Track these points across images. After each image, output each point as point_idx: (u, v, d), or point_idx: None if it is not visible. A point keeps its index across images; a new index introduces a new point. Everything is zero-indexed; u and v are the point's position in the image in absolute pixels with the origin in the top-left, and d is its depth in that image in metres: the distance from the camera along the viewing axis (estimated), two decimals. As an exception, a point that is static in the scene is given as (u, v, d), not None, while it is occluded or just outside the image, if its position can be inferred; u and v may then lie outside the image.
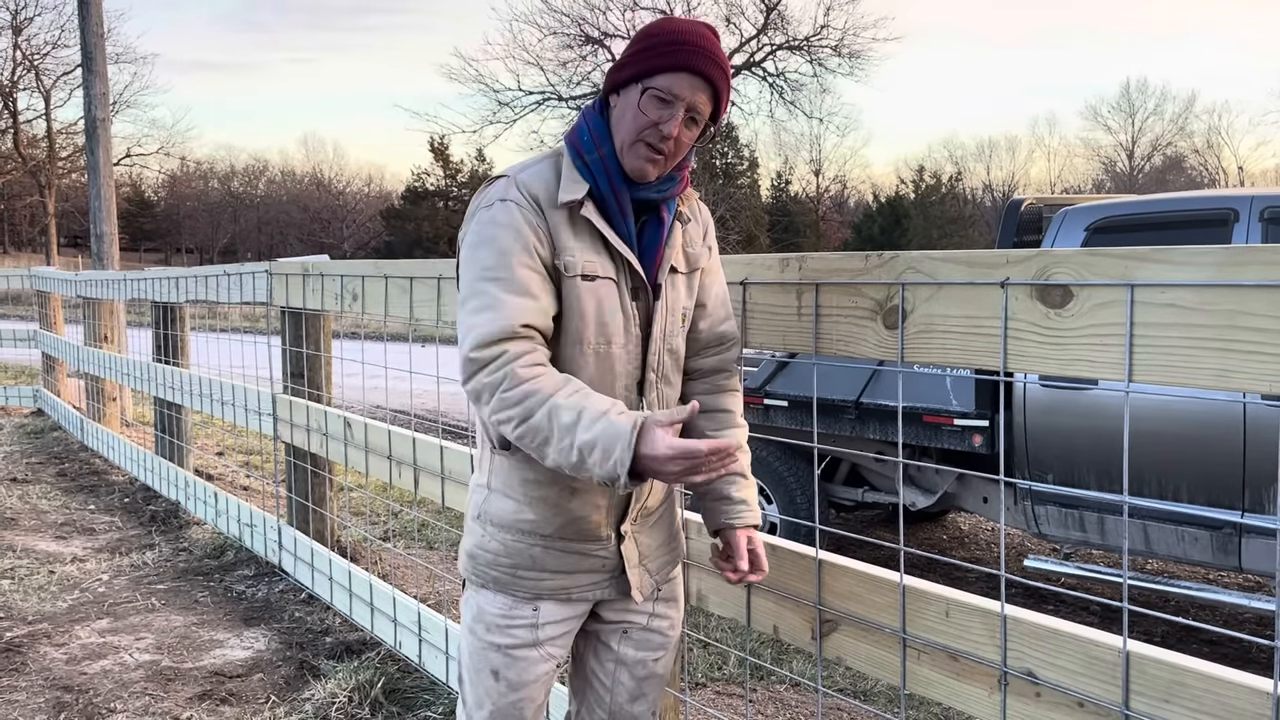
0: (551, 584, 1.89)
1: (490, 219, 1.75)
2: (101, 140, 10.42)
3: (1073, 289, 1.56)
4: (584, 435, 1.61)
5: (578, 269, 1.75)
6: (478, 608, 1.92)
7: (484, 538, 1.91)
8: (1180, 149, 51.52)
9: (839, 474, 5.66)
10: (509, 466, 1.87)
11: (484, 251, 1.73)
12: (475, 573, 1.93)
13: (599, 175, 1.78)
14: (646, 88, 1.73)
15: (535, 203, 1.75)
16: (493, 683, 1.91)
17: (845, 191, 56.13)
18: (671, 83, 1.73)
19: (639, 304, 1.83)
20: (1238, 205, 4.17)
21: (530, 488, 1.86)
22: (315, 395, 4.51)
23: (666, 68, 1.72)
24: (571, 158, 1.81)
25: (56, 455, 8.13)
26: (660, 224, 1.84)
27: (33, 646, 4.10)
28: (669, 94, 1.73)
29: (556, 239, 1.75)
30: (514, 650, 1.89)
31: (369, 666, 3.66)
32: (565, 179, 1.78)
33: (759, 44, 34.68)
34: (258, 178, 64.07)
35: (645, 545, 1.95)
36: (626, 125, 1.76)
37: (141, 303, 7.25)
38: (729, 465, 1.59)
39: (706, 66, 1.73)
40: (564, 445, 1.63)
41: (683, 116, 1.74)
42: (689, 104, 1.74)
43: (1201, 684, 1.46)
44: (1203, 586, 4.24)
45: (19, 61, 39.99)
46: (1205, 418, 4.09)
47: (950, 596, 1.79)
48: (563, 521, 1.86)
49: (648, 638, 2.01)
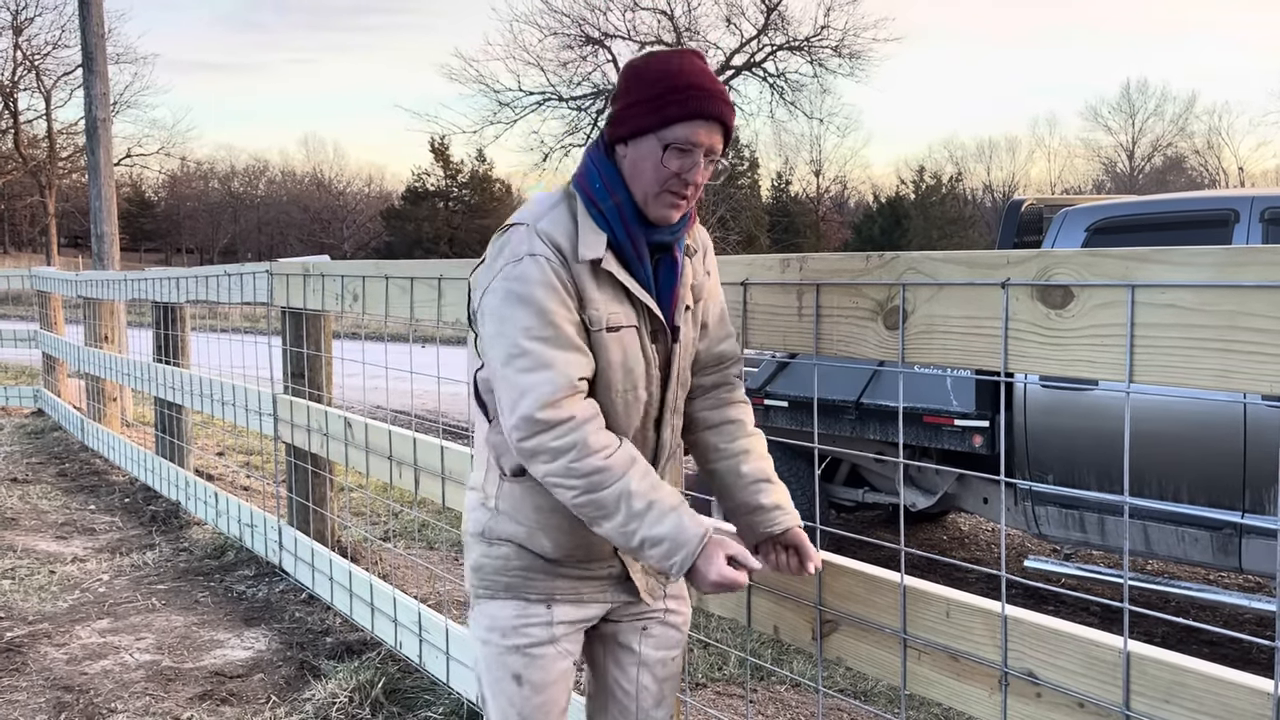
0: (563, 585, 1.92)
1: (521, 275, 1.72)
2: (102, 140, 10.42)
3: (1073, 289, 1.56)
4: (653, 529, 1.70)
5: (603, 322, 1.76)
6: (490, 618, 1.93)
7: (490, 549, 1.91)
8: (1180, 149, 51.53)
9: (839, 474, 5.66)
10: (520, 493, 1.88)
11: (523, 310, 1.71)
12: (485, 583, 1.93)
13: (615, 223, 1.77)
14: (666, 143, 1.73)
15: (560, 254, 1.74)
16: (516, 689, 1.90)
17: (845, 192, 56.14)
18: (689, 132, 1.72)
19: (658, 346, 1.85)
20: (1238, 206, 4.17)
21: (544, 515, 1.87)
22: (316, 395, 4.51)
23: (681, 118, 1.72)
24: (586, 206, 1.79)
25: (57, 455, 8.14)
26: (674, 264, 1.85)
27: (33, 646, 4.10)
28: (688, 144, 1.73)
29: (583, 292, 1.75)
30: (532, 649, 1.90)
31: (369, 667, 3.66)
32: (583, 230, 1.76)
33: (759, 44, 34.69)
34: (258, 178, 64.08)
35: None
36: (648, 178, 1.75)
37: (142, 303, 7.25)
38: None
39: (719, 109, 1.74)
40: (628, 530, 1.71)
41: (703, 162, 1.75)
42: (707, 148, 1.74)
43: (1202, 684, 1.46)
44: (1203, 587, 4.24)
45: (20, 62, 40.01)
46: (1205, 418, 4.09)
47: (951, 597, 1.79)
48: (573, 545, 1.88)
49: (666, 634, 2.03)
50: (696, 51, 1.80)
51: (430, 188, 50.04)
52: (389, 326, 4.25)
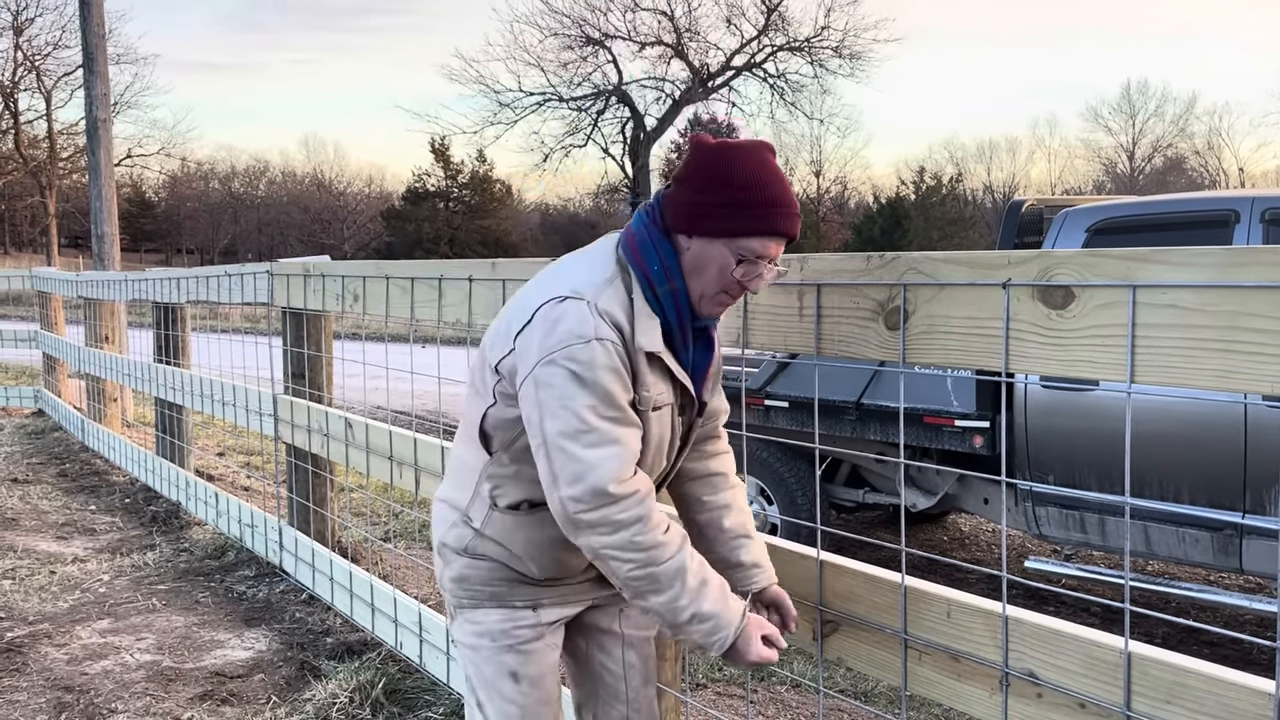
0: (549, 593, 1.97)
1: (590, 361, 1.70)
2: (103, 141, 10.42)
3: (1074, 290, 1.56)
4: (702, 606, 1.75)
5: (651, 403, 1.79)
6: (478, 625, 1.95)
7: (476, 561, 1.93)
8: (1181, 150, 51.51)
9: (840, 475, 5.66)
10: (512, 524, 1.90)
11: (589, 392, 1.70)
12: (469, 593, 1.95)
13: (669, 310, 1.78)
14: (739, 255, 1.74)
15: (621, 338, 1.74)
16: (514, 686, 1.93)
17: (846, 192, 56.10)
18: (764, 248, 1.74)
19: (684, 418, 1.90)
20: (1239, 206, 4.17)
21: (534, 547, 1.90)
22: (316, 396, 4.51)
23: (760, 232, 1.73)
24: (642, 287, 1.78)
25: (57, 456, 8.14)
26: (710, 345, 1.89)
27: (34, 647, 4.10)
28: (761, 256, 1.75)
29: (638, 375, 1.77)
30: (525, 645, 1.93)
31: (370, 667, 3.66)
32: (639, 314, 1.76)
33: (759, 45, 34.71)
34: (258, 178, 64.07)
35: None
36: (711, 279, 1.76)
37: (142, 303, 7.25)
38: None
39: (793, 227, 1.76)
40: (678, 605, 1.74)
41: (765, 272, 1.78)
42: (772, 259, 1.77)
43: (1203, 685, 1.46)
44: (1203, 588, 4.24)
45: (20, 62, 40.01)
46: (1206, 419, 4.09)
47: (951, 597, 1.79)
48: (558, 571, 1.93)
49: (643, 614, 2.06)
50: (769, 145, 1.80)
51: (430, 188, 50.05)
52: (389, 327, 4.25)
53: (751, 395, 5.48)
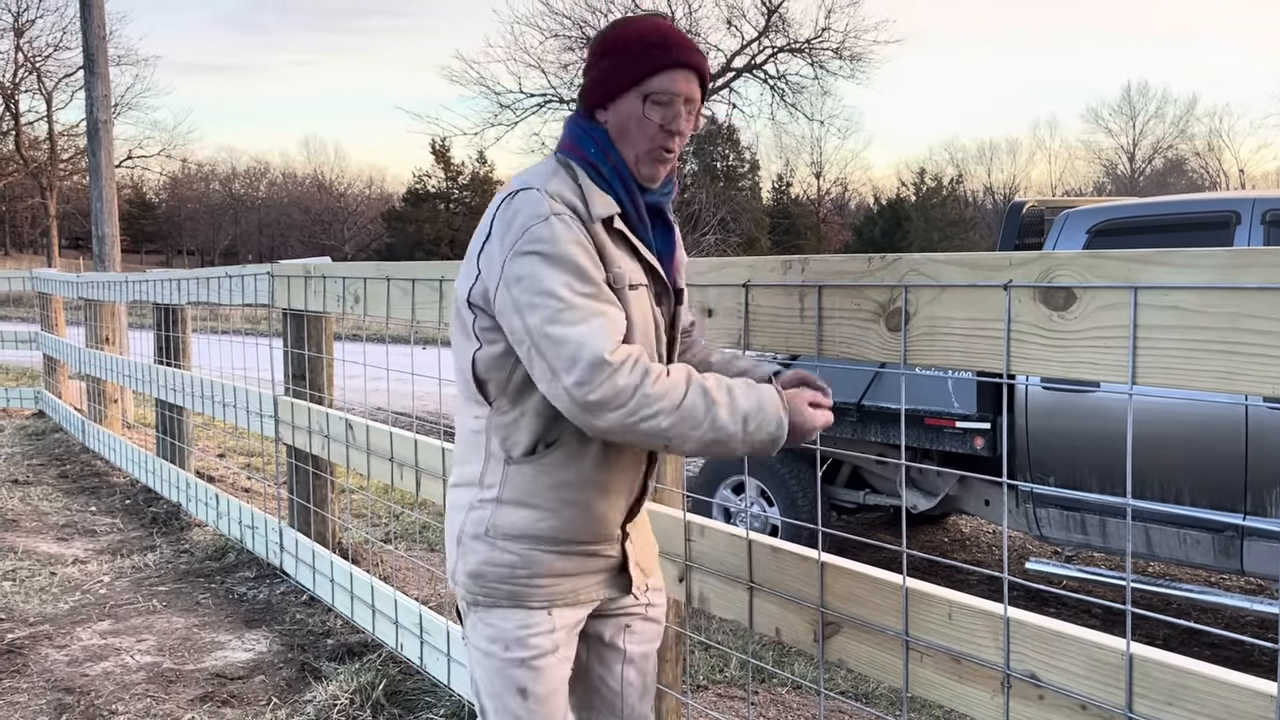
0: (564, 588, 1.88)
1: (552, 235, 1.69)
2: (103, 142, 10.42)
3: (1076, 291, 1.56)
4: (742, 404, 1.69)
5: (625, 280, 1.76)
6: (492, 629, 1.88)
7: (493, 553, 1.86)
8: (1181, 152, 51.55)
9: (840, 476, 5.66)
10: (531, 474, 1.83)
11: (560, 270, 1.68)
12: (485, 591, 1.88)
13: (617, 186, 1.78)
14: (647, 95, 1.75)
15: (577, 216, 1.73)
16: (521, 702, 1.87)
17: (846, 194, 56.16)
18: (668, 83, 1.76)
19: (663, 309, 1.87)
20: (1239, 208, 4.17)
21: (562, 490, 1.83)
22: (317, 397, 4.51)
23: (658, 68, 1.75)
24: (585, 170, 1.79)
25: (58, 457, 8.14)
26: (669, 229, 1.88)
27: (34, 648, 4.10)
28: (669, 94, 1.76)
29: (603, 251, 1.75)
30: (537, 661, 1.86)
31: (370, 669, 3.66)
32: (589, 192, 1.76)
33: (760, 46, 34.70)
34: (259, 180, 64.14)
35: (638, 541, 1.99)
36: (634, 135, 1.77)
37: (143, 305, 7.25)
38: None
39: (694, 57, 1.79)
40: (722, 421, 1.67)
41: (684, 111, 1.78)
42: (686, 96, 1.78)
43: (1205, 686, 1.46)
44: (1204, 589, 4.24)
45: (21, 63, 40.04)
46: (1207, 420, 4.09)
47: (953, 599, 1.79)
48: (587, 523, 1.85)
49: (648, 628, 2.04)
50: (660, 14, 1.87)
51: (431, 189, 50.09)
52: (390, 328, 4.26)
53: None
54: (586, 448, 1.82)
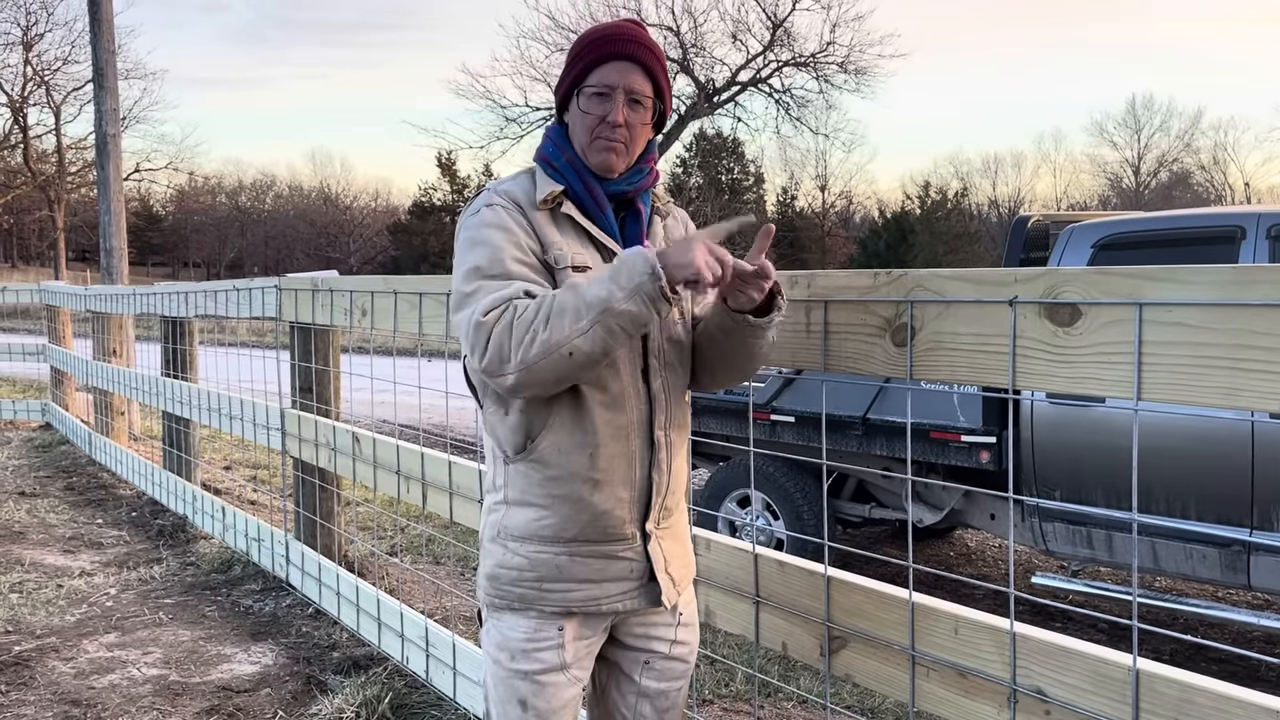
0: (580, 595, 1.85)
1: (479, 223, 1.82)
2: (112, 156, 10.48)
3: (1081, 307, 1.57)
4: (606, 276, 1.66)
5: (568, 260, 1.81)
6: (501, 635, 1.89)
7: (505, 555, 1.88)
8: (1186, 165, 51.56)
9: (846, 490, 5.66)
10: (525, 471, 1.85)
11: (477, 252, 1.79)
12: (498, 594, 1.89)
13: (570, 175, 1.88)
14: (581, 89, 1.84)
15: (517, 204, 1.84)
16: (520, 713, 1.87)
17: (851, 207, 56.19)
18: (601, 75, 1.83)
19: None
20: (1245, 223, 4.18)
21: (552, 486, 1.83)
22: (324, 410, 4.53)
23: (592, 64, 1.84)
24: (542, 167, 1.91)
25: (64, 469, 8.16)
26: (638, 216, 1.93)
27: (41, 660, 4.11)
28: (603, 86, 1.83)
29: (542, 235, 1.82)
30: (541, 676, 1.86)
31: (376, 682, 3.66)
32: (540, 183, 1.87)
33: (765, 60, 34.77)
34: (265, 192, 64.35)
35: (670, 550, 1.93)
36: (579, 129, 1.86)
37: (150, 317, 7.28)
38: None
39: (628, 49, 1.83)
40: (592, 297, 1.64)
41: (623, 101, 1.83)
42: (625, 88, 1.83)
43: (1211, 702, 1.46)
44: (1211, 604, 4.22)
45: (30, 77, 40.26)
46: (1213, 435, 4.08)
47: (959, 614, 1.79)
48: (586, 520, 1.83)
49: (670, 667, 1.98)
50: (632, 19, 1.92)
51: (437, 202, 50.20)
52: (397, 341, 4.26)
53: (758, 410, 5.48)
54: (569, 439, 1.81)
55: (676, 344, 1.92)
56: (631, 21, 1.89)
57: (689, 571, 2.01)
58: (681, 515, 2.00)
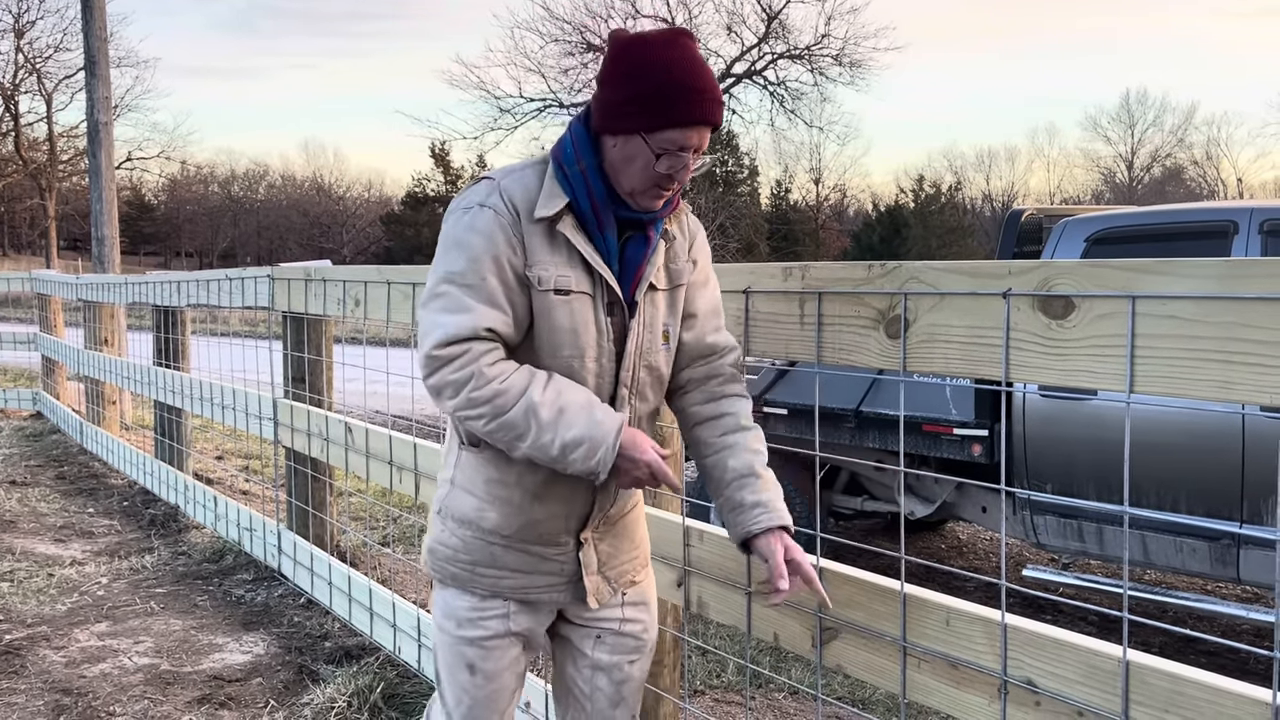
0: (510, 583, 1.92)
1: (468, 224, 1.77)
2: (103, 144, 10.43)
3: (1074, 300, 1.57)
4: (568, 434, 1.71)
5: (550, 283, 1.76)
6: (446, 604, 1.95)
7: (444, 533, 1.94)
8: (1179, 160, 51.69)
9: (838, 483, 5.67)
10: (474, 464, 1.89)
11: (457, 254, 1.76)
12: (435, 568, 1.96)
13: (579, 189, 1.78)
14: (660, 150, 1.71)
15: (514, 211, 1.76)
16: (469, 677, 1.93)
17: (845, 200, 56.22)
18: (683, 138, 1.72)
19: (614, 320, 1.83)
20: (1237, 217, 4.19)
21: (494, 487, 1.88)
22: (316, 400, 4.52)
23: (676, 123, 1.70)
24: (554, 169, 1.80)
25: (56, 458, 8.13)
26: (646, 242, 1.84)
27: (32, 649, 4.10)
28: (678, 149, 1.72)
29: (530, 251, 1.76)
30: (487, 642, 1.92)
31: (368, 671, 3.66)
32: (545, 191, 1.78)
33: (760, 53, 34.75)
34: (258, 182, 64.15)
35: (605, 553, 1.97)
36: (637, 175, 1.75)
37: (142, 306, 7.26)
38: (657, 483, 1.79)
39: (712, 113, 1.73)
40: (544, 442, 1.72)
41: (690, 160, 1.75)
42: (696, 148, 1.74)
43: (1201, 694, 1.47)
44: (1201, 597, 4.24)
45: (21, 64, 40.06)
46: (1204, 429, 4.10)
47: (951, 605, 1.80)
48: (522, 523, 1.88)
49: (621, 641, 2.02)
50: (688, 33, 1.78)
51: (430, 193, 50.04)
52: (390, 332, 4.26)
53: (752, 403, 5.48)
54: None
55: (653, 371, 1.90)
56: (688, 37, 1.75)
57: (635, 562, 2.04)
58: (634, 516, 2.03)
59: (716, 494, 1.92)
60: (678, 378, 1.98)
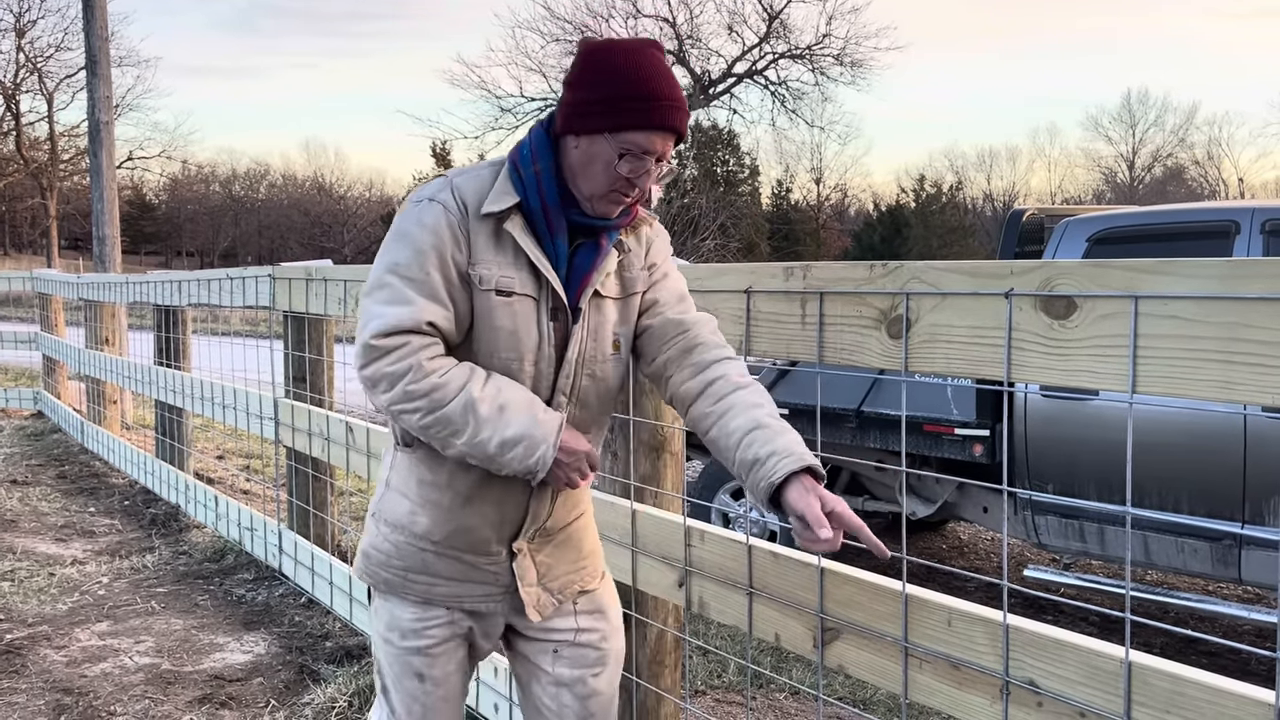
0: (443, 590, 1.89)
1: (416, 217, 1.75)
2: (105, 143, 10.43)
3: (1076, 300, 1.57)
4: (508, 431, 1.71)
5: (492, 283, 1.75)
6: (390, 615, 1.92)
7: (378, 537, 1.91)
8: (1181, 160, 51.70)
9: (839, 483, 5.67)
10: (408, 464, 1.87)
11: (401, 246, 1.74)
12: (368, 573, 1.93)
13: (531, 190, 1.76)
14: (622, 150, 1.71)
15: (463, 208, 1.75)
16: (418, 684, 1.91)
17: (846, 200, 56.23)
18: (646, 141, 1.71)
19: (557, 325, 1.81)
20: (1239, 217, 4.19)
21: (426, 489, 1.86)
22: (317, 399, 4.52)
23: (640, 125, 1.69)
24: (508, 169, 1.79)
25: (57, 458, 8.14)
26: (597, 250, 1.82)
27: (33, 649, 4.10)
28: (641, 152, 1.71)
29: (474, 249, 1.75)
30: (434, 649, 1.90)
31: (369, 671, 3.66)
32: (496, 189, 1.77)
33: (761, 52, 34.73)
34: (259, 181, 64.18)
35: (545, 564, 1.93)
36: (598, 178, 1.74)
37: (143, 306, 7.26)
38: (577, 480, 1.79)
39: (678, 120, 1.72)
40: (481, 439, 1.70)
41: (651, 166, 1.74)
42: (659, 154, 1.73)
43: (1203, 695, 1.47)
44: (1202, 598, 4.24)
45: (22, 64, 40.04)
46: (1206, 429, 4.09)
47: (952, 605, 1.79)
48: (453, 529, 1.86)
49: (580, 654, 1.98)
50: (656, 44, 1.78)
51: (431, 193, 49.97)
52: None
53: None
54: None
55: (598, 381, 1.87)
56: (658, 49, 1.75)
57: (584, 573, 2.00)
58: (579, 528, 1.99)
59: (730, 464, 1.77)
60: (656, 363, 1.91)
